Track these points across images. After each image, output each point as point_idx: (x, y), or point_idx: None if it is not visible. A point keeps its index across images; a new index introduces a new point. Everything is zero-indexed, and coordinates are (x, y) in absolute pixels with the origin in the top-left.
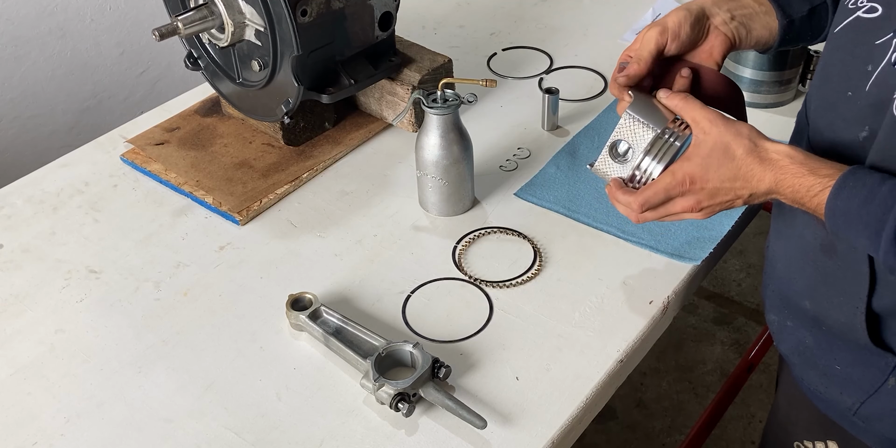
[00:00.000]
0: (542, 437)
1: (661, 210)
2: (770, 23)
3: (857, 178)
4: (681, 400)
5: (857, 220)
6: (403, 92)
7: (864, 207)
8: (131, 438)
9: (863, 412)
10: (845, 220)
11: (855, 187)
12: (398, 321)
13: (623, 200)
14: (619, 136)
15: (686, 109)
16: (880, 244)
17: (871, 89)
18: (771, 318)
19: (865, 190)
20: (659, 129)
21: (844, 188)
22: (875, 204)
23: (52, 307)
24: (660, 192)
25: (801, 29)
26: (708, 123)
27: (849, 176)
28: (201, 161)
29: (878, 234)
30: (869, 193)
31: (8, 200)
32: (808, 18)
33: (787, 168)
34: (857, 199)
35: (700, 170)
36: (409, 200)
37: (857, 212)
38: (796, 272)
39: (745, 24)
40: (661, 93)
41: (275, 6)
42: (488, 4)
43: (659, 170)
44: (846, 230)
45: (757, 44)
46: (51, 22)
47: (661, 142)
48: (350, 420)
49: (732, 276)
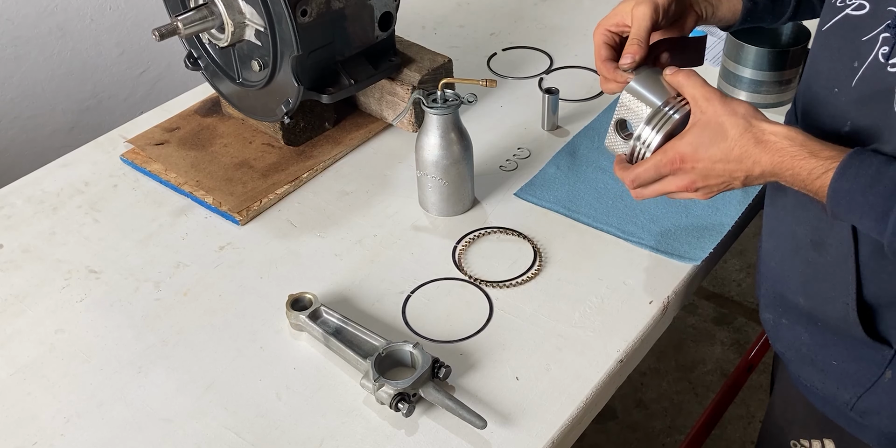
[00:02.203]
0: (542, 437)
1: (656, 187)
2: (735, 5)
3: (862, 160)
4: (681, 400)
5: (863, 201)
6: (403, 92)
7: (871, 188)
8: (131, 438)
9: (860, 407)
10: (849, 201)
11: (861, 167)
12: (398, 321)
13: (618, 175)
14: (622, 112)
15: (686, 86)
16: (887, 226)
17: (856, 85)
18: (766, 316)
19: (872, 170)
20: (660, 101)
21: (850, 168)
22: (882, 184)
23: (52, 307)
24: (650, 168)
25: (763, 12)
26: (705, 102)
27: (854, 156)
28: (201, 161)
29: (886, 215)
30: (876, 174)
31: (8, 200)
32: (772, 3)
33: (785, 150)
34: (862, 180)
35: (690, 149)
36: (409, 200)
37: (863, 193)
38: (789, 269)
39: (713, 3)
40: (668, 70)
41: (275, 6)
42: (488, 4)
43: (657, 141)
44: (849, 212)
45: (719, 22)
46: (51, 22)
47: (660, 114)
48: (350, 420)
49: (732, 276)
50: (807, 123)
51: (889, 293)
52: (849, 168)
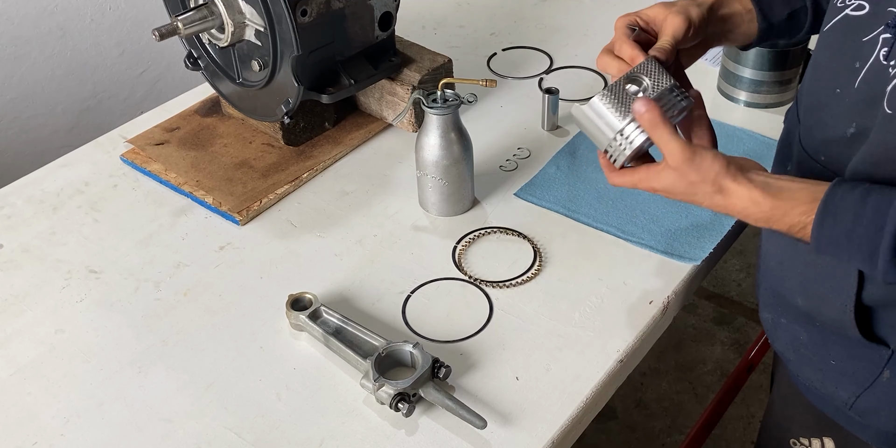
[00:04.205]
0: (542, 438)
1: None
2: (750, 30)
3: (837, 203)
4: (681, 400)
5: (848, 245)
6: (403, 92)
7: (853, 232)
8: (131, 438)
9: (858, 406)
10: (835, 248)
11: (837, 214)
12: (398, 321)
13: (600, 162)
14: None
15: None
16: (877, 265)
17: (859, 86)
18: (765, 316)
19: (850, 214)
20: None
21: (827, 216)
22: (863, 226)
23: (51, 307)
24: (627, 183)
25: (778, 31)
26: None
27: (828, 203)
28: (201, 161)
29: (874, 255)
30: (854, 217)
31: (8, 200)
32: (787, 21)
33: (755, 216)
34: (842, 226)
35: (664, 188)
36: (409, 200)
37: (847, 237)
38: (788, 270)
39: (726, 30)
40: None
41: (275, 6)
42: (488, 4)
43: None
44: (838, 256)
45: (732, 43)
46: (51, 22)
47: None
48: (350, 420)
49: (732, 276)
50: (809, 124)
51: (888, 295)
52: (826, 216)
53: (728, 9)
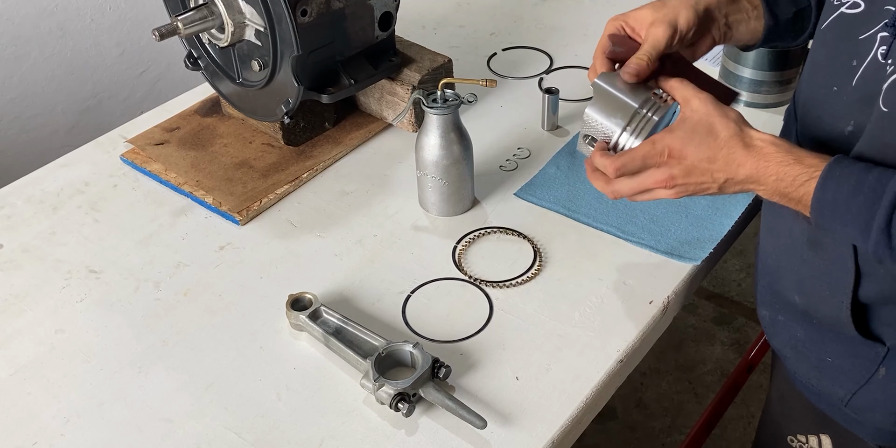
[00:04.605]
0: (542, 438)
1: (636, 181)
2: (756, 28)
3: (843, 168)
4: (681, 400)
5: (846, 211)
6: (403, 92)
7: (853, 198)
8: (131, 438)
9: (854, 403)
10: (832, 211)
11: (842, 177)
12: (398, 321)
13: (600, 164)
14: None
15: (678, 89)
16: (870, 235)
17: (857, 84)
18: (763, 313)
19: (853, 179)
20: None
21: (831, 178)
22: (863, 194)
23: (51, 307)
24: (637, 158)
25: (783, 30)
26: (698, 102)
27: (834, 166)
28: (201, 161)
29: (868, 225)
30: (857, 183)
31: (8, 200)
32: (792, 21)
33: (771, 155)
34: (844, 190)
35: (680, 143)
36: (409, 200)
37: (846, 203)
38: (785, 267)
39: (733, 28)
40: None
41: (275, 6)
42: (488, 4)
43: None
44: (833, 222)
45: (737, 43)
46: (51, 22)
47: (638, 117)
48: (350, 420)
49: (732, 276)
50: (806, 122)
51: (884, 292)
52: (830, 178)
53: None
